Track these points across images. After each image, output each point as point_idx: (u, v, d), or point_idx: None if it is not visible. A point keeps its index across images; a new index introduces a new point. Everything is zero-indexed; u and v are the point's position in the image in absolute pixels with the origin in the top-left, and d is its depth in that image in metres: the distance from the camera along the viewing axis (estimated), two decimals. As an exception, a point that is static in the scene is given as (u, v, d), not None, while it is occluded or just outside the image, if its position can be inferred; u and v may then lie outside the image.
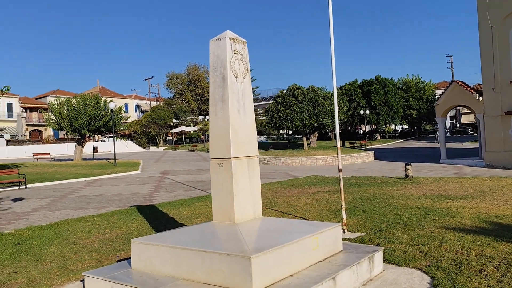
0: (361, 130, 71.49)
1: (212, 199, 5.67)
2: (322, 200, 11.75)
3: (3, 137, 55.00)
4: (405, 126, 76.20)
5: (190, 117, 70.12)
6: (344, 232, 7.88)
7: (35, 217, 11.21)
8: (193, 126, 68.75)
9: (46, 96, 72.51)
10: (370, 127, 71.20)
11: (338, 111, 35.21)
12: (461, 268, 5.55)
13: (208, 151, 50.20)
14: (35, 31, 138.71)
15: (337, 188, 14.22)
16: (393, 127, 74.12)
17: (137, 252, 5.23)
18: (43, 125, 63.60)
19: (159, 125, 62.72)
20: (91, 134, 32.36)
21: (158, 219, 9.90)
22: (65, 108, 30.90)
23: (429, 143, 49.63)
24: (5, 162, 34.27)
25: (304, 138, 34.37)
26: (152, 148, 62.06)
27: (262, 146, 50.64)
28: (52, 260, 6.95)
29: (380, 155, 33.77)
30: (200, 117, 63.62)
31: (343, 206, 8.12)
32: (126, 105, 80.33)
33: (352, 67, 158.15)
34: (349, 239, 7.38)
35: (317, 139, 45.41)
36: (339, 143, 8.40)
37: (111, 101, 31.49)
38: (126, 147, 60.72)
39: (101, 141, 63.05)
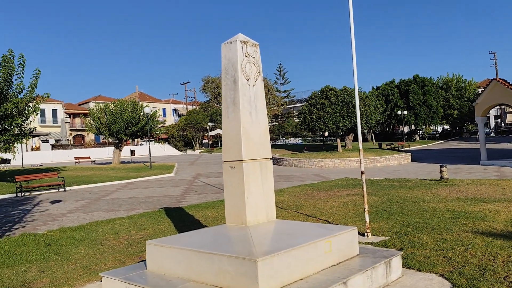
0: (399, 131, 69.79)
1: (225, 202, 5.69)
2: (349, 203, 11.54)
3: (48, 142, 57.56)
4: (446, 127, 73.72)
5: (225, 120, 70.70)
6: (367, 236, 7.72)
7: (68, 219, 11.64)
8: (229, 129, 69.33)
9: (88, 102, 75.23)
10: (409, 128, 69.40)
11: (374, 112, 34.71)
12: (484, 274, 5.30)
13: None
14: (80, 40, 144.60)
15: (367, 191, 13.89)
16: (433, 127, 71.81)
17: (152, 253, 5.32)
18: (85, 130, 66.00)
19: (195, 129, 63.73)
20: (128, 138, 33.28)
21: (183, 221, 10.04)
22: (104, 113, 31.96)
23: (471, 144, 47.73)
24: (49, 166, 35.85)
25: (338, 140, 33.92)
26: (189, 151, 63.10)
27: (296, 148, 50.43)
28: (78, 260, 7.18)
29: (418, 156, 32.79)
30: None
31: (366, 209, 7.94)
32: (164, 110, 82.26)
33: (389, 66, 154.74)
34: (372, 243, 7.21)
35: (353, 141, 44.73)
36: (361, 145, 8.22)
37: (147, 105, 32.31)
38: (164, 151, 62.07)
39: (140, 144, 64.79)
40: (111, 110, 32.03)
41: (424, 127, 63.41)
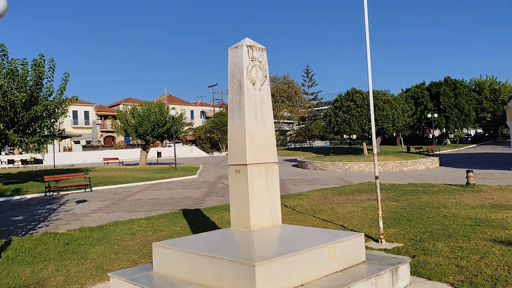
0: (430, 135, 68.21)
1: (230, 205, 5.72)
2: (368, 208, 11.37)
3: (79, 143, 59.25)
4: (479, 130, 71.56)
5: (252, 123, 70.88)
6: (381, 242, 7.59)
7: (90, 219, 11.94)
8: (255, 131, 69.48)
9: (119, 104, 77.00)
10: (440, 131, 67.78)
11: (401, 115, 34.00)
12: (496, 285, 5.12)
13: (269, 156, 50.44)
14: (114, 45, 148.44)
15: (388, 196, 13.70)
16: (465, 131, 69.82)
17: (158, 255, 5.40)
18: (114, 131, 67.52)
19: (221, 131, 64.17)
20: (154, 139, 33.87)
21: (199, 223, 10.13)
22: (131, 116, 32.65)
23: (505, 148, 46.14)
24: (80, 166, 36.90)
25: (364, 143, 33.42)
26: (215, 153, 63.61)
27: (322, 151, 50.03)
28: (92, 260, 7.36)
29: (447, 161, 31.97)
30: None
31: (380, 215, 7.80)
32: (191, 112, 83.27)
33: (419, 68, 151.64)
34: (385, 249, 7.10)
35: (380, 144, 43.94)
36: (375, 149, 8.09)
37: (173, 108, 32.79)
38: (191, 152, 62.82)
39: (168, 146, 65.74)
40: (139, 113, 32.69)
41: (455, 130, 61.76)
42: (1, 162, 40.32)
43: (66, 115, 21.02)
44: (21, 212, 13.81)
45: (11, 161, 39.33)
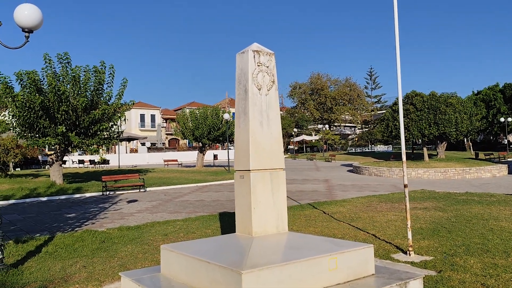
0: (505, 140, 63.47)
1: (235, 211, 5.70)
2: (410, 218, 10.78)
3: (144, 145, 62.18)
4: (562, 136, 65.29)
5: (311, 126, 70.34)
6: (409, 254, 7.20)
7: (134, 218, 12.46)
8: (315, 135, 68.81)
9: (183, 108, 79.83)
10: (517, 136, 62.87)
11: (467, 119, 31.98)
12: (518, 309, 4.64)
13: (327, 160, 49.70)
14: (182, 51, 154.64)
15: (437, 205, 12.94)
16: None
17: (164, 257, 5.52)
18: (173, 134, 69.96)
19: (281, 134, 64.27)
20: (210, 142, 34.71)
21: (230, 227, 10.18)
22: (189, 119, 33.74)
23: None
24: (142, 167, 38.69)
25: (424, 149, 31.83)
26: (274, 157, 63.70)
27: (383, 156, 48.36)
28: (120, 258, 7.67)
29: (518, 169, 29.56)
30: (320, 125, 63.27)
31: (409, 226, 7.42)
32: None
33: (492, 69, 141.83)
34: (411, 263, 6.72)
35: (447, 150, 41.52)
36: (404, 156, 7.69)
37: (228, 112, 33.42)
38: (250, 155, 63.52)
39: (228, 149, 67.01)
40: (196, 116, 33.68)
41: (533, 136, 56.94)
42: (72, 162, 43.36)
43: (124, 119, 22.15)
44: (75, 209, 14.74)
45: (81, 161, 42.17)
